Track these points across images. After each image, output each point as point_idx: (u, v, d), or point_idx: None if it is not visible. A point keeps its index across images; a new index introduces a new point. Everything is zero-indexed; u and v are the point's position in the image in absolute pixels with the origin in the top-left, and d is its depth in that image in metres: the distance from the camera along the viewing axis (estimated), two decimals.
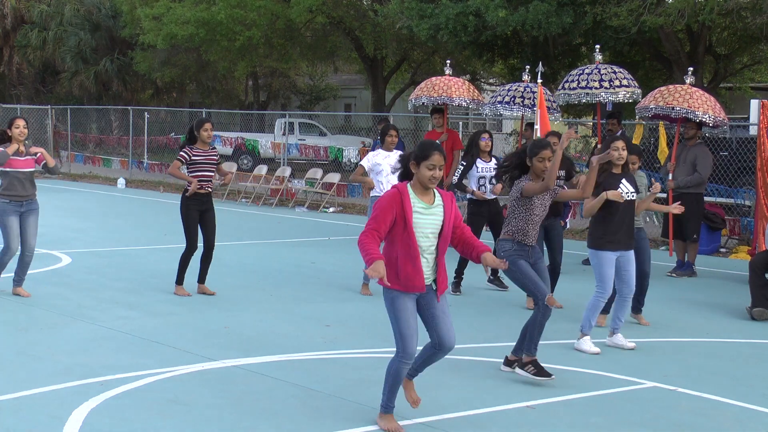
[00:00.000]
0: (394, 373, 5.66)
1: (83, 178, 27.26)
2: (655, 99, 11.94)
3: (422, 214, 5.50)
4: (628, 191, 7.82)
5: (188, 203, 9.79)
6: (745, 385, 7.05)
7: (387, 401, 5.74)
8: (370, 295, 10.17)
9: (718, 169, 15.83)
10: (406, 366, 5.63)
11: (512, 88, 13.81)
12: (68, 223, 16.06)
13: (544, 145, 7.16)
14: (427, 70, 29.62)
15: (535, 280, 7.00)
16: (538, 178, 7.10)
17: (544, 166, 7.05)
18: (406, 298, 5.57)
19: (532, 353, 6.96)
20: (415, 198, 5.52)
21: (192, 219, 9.80)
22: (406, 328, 5.55)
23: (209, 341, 7.90)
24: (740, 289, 11.13)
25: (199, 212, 9.81)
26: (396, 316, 5.58)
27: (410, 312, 5.58)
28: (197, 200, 9.77)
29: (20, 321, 8.51)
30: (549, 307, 6.95)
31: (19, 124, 9.45)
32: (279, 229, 16.61)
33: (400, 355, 5.60)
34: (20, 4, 41.53)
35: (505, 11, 19.07)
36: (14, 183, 9.41)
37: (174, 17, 27.91)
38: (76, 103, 37.54)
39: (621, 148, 7.81)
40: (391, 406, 5.75)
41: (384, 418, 5.75)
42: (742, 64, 25.13)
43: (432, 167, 5.46)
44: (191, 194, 9.70)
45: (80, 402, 6.06)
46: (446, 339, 5.67)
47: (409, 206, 5.46)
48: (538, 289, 6.97)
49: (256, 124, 35.20)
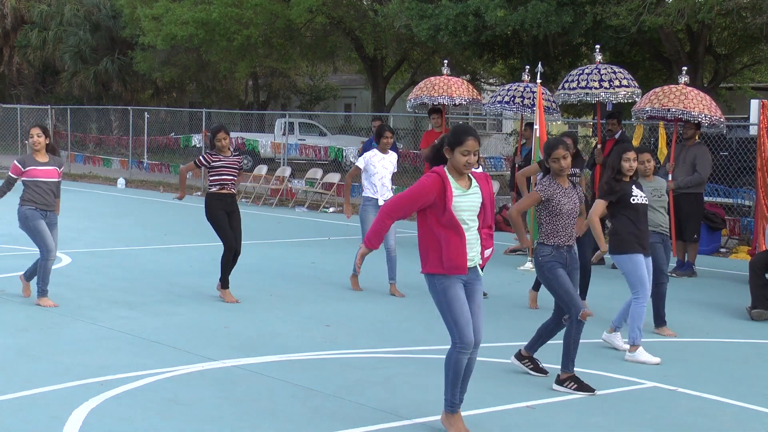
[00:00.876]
0: (454, 365, 5.54)
1: (83, 178, 27.25)
2: (650, 101, 11.94)
3: (461, 198, 5.51)
4: (641, 196, 7.83)
5: (212, 204, 9.77)
6: (745, 385, 7.05)
7: (451, 397, 5.60)
8: (361, 290, 10.17)
9: (718, 169, 15.83)
10: (465, 355, 5.52)
11: (512, 88, 13.81)
12: (68, 223, 16.04)
13: (555, 144, 6.88)
14: (427, 70, 29.60)
15: (572, 293, 6.74)
16: (558, 177, 6.91)
17: (559, 166, 6.82)
18: (458, 287, 5.51)
19: (570, 369, 6.76)
20: (454, 182, 5.53)
21: (220, 218, 9.75)
22: (460, 316, 5.48)
23: (209, 341, 7.90)
24: (740, 289, 11.13)
25: (225, 213, 9.80)
26: (450, 305, 5.49)
27: (463, 300, 5.52)
28: (221, 201, 9.77)
29: (20, 321, 8.51)
30: (582, 321, 6.69)
31: (33, 133, 9.27)
32: (279, 229, 16.60)
33: (458, 344, 5.50)
34: (20, 4, 41.55)
35: (504, 11, 19.08)
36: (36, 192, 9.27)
37: (173, 17, 27.91)
38: (76, 103, 37.54)
39: (632, 159, 7.78)
40: (455, 403, 5.61)
41: (449, 419, 5.62)
42: (742, 64, 25.13)
43: (467, 153, 5.47)
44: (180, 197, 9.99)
45: (80, 402, 6.06)
46: (477, 333, 5.61)
47: (450, 190, 5.48)
48: (574, 303, 6.68)
49: (256, 124, 35.20)
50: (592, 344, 8.08)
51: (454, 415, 5.62)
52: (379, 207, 10.07)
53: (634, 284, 7.76)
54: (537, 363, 7.13)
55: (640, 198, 7.82)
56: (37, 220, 9.25)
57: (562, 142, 6.90)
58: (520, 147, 14.66)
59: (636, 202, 7.77)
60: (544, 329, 7.08)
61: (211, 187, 9.79)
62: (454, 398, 5.60)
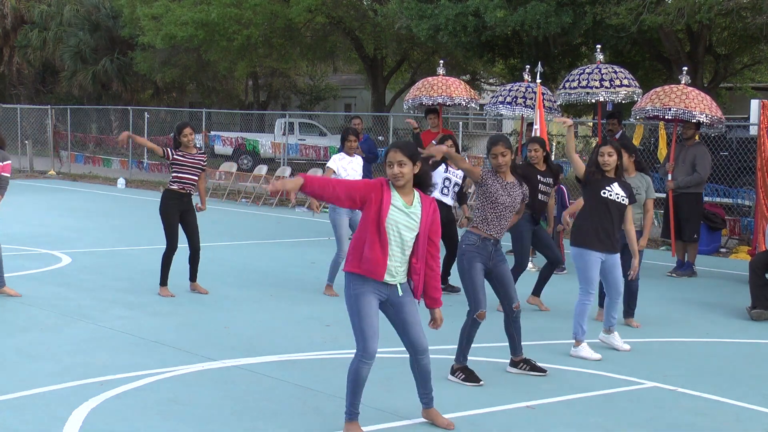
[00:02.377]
0: (354, 374, 5.48)
1: (83, 178, 27.26)
2: (651, 100, 11.94)
3: (399, 210, 5.41)
4: (618, 195, 7.74)
5: (168, 203, 9.83)
6: (745, 385, 7.05)
7: (350, 406, 5.52)
8: (336, 296, 10.15)
9: (718, 169, 15.83)
10: (366, 366, 5.46)
11: (513, 88, 13.81)
12: (68, 223, 16.06)
13: (497, 140, 6.97)
14: (427, 70, 29.59)
15: (477, 290, 6.81)
16: (499, 173, 6.98)
17: (497, 162, 6.91)
18: (371, 296, 5.46)
19: (462, 361, 6.89)
20: (395, 194, 5.45)
21: (172, 218, 9.82)
22: (368, 326, 5.42)
23: (209, 341, 7.90)
24: (740, 289, 11.13)
25: (179, 212, 9.82)
26: (359, 313, 5.44)
27: (374, 311, 5.47)
28: (177, 200, 9.81)
29: (20, 321, 8.51)
30: (477, 321, 6.81)
31: None
32: (279, 229, 16.60)
33: (360, 354, 5.45)
34: (20, 4, 41.56)
35: (504, 11, 19.08)
36: None
37: (173, 18, 27.91)
38: (76, 103, 37.55)
39: (606, 154, 7.73)
40: (354, 412, 5.53)
41: (349, 427, 5.54)
42: (742, 64, 25.14)
43: (390, 164, 5.40)
44: (121, 143, 9.98)
45: (80, 402, 6.06)
46: (417, 342, 5.61)
47: (388, 198, 5.39)
48: (476, 301, 6.80)
49: (256, 124, 35.20)
50: (590, 344, 8.09)
51: (352, 423, 5.55)
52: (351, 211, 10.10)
53: (581, 280, 7.74)
54: (532, 363, 7.14)
55: (614, 195, 7.69)
56: None
57: (503, 139, 6.99)
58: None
59: (605, 196, 7.66)
60: (506, 328, 7.14)
61: (171, 184, 9.80)
62: (352, 407, 5.53)
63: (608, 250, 7.72)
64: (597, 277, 7.74)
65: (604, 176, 7.75)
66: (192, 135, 9.79)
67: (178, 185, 9.80)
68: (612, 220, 7.69)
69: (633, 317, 9.12)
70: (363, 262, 5.43)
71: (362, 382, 5.51)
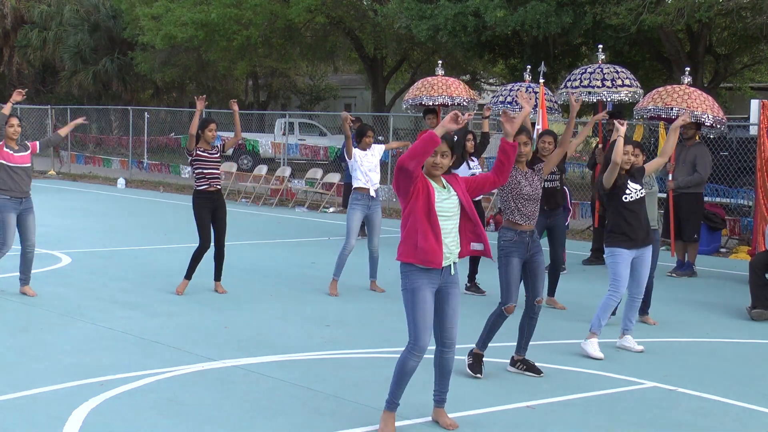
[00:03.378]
0: (401, 366, 5.57)
1: (83, 178, 27.26)
2: (653, 100, 11.94)
3: (441, 194, 5.58)
4: (636, 191, 7.84)
5: (198, 201, 9.86)
6: (745, 385, 7.05)
7: (391, 397, 5.64)
8: (337, 296, 10.15)
9: (718, 169, 15.83)
10: (415, 359, 5.53)
11: (514, 88, 13.82)
12: (68, 223, 16.06)
13: (518, 131, 7.12)
14: (427, 70, 29.60)
15: (510, 285, 6.99)
16: (517, 163, 7.21)
17: (519, 151, 7.15)
18: (427, 290, 5.53)
19: (480, 348, 7.10)
20: (432, 181, 5.61)
21: (203, 216, 9.84)
22: (421, 320, 5.50)
23: (209, 341, 7.90)
24: (740, 289, 11.13)
25: (210, 210, 9.84)
26: (414, 306, 5.51)
27: (429, 305, 5.54)
28: (207, 198, 9.83)
29: (20, 321, 8.51)
30: (504, 314, 6.99)
31: (13, 123, 9.43)
32: (279, 229, 16.60)
33: (411, 346, 5.53)
34: (20, 4, 41.56)
35: (504, 11, 19.08)
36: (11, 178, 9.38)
37: (173, 18, 27.91)
38: (76, 103, 37.54)
39: (632, 153, 7.86)
40: (394, 402, 5.65)
41: (386, 416, 5.66)
42: (742, 64, 25.15)
43: (434, 153, 5.52)
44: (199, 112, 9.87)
45: (80, 402, 6.06)
46: (449, 334, 5.68)
47: (431, 186, 5.55)
48: (507, 294, 6.98)
49: (256, 124, 35.19)
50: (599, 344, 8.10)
51: (389, 414, 5.66)
52: (371, 202, 10.11)
53: (611, 278, 7.86)
54: (530, 363, 7.17)
55: (633, 195, 7.81)
56: (8, 212, 9.41)
57: (525, 130, 7.26)
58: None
59: (627, 201, 7.80)
60: (521, 322, 7.23)
61: (199, 184, 9.88)
62: (393, 398, 5.64)
63: (639, 246, 7.85)
64: (627, 275, 7.84)
65: (622, 177, 7.83)
66: (216, 130, 9.83)
67: (206, 183, 9.83)
68: (638, 217, 7.84)
69: (648, 314, 9.19)
70: (418, 252, 5.50)
71: (408, 375, 5.61)
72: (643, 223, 7.88)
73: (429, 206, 5.49)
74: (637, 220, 7.83)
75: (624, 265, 7.79)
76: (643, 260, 7.92)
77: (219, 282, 10.16)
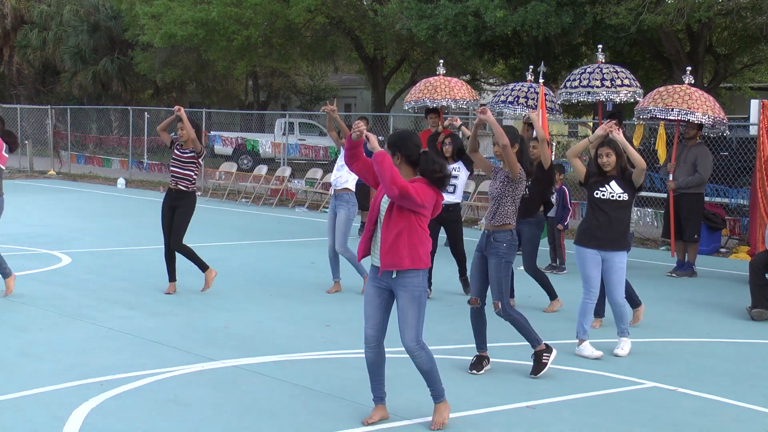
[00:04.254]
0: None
1: (83, 178, 27.25)
2: (654, 100, 11.93)
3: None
4: (614, 193, 7.74)
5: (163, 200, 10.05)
6: (745, 385, 7.05)
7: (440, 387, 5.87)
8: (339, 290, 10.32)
9: (718, 169, 15.83)
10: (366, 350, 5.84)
11: (515, 88, 13.81)
12: (68, 223, 16.06)
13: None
14: (427, 69, 29.60)
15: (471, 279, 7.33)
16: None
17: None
18: (370, 287, 5.87)
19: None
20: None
21: (162, 215, 9.97)
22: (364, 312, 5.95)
23: (209, 341, 7.90)
24: (740, 289, 11.13)
25: (170, 208, 9.93)
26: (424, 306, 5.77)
27: (368, 299, 5.87)
28: (167, 197, 9.97)
29: (20, 321, 8.51)
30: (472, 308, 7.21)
31: None
32: (279, 229, 16.60)
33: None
34: (20, 4, 41.56)
35: (504, 11, 19.08)
36: None
37: (173, 17, 27.91)
38: (76, 103, 37.55)
39: (605, 155, 7.72)
40: (374, 395, 5.93)
41: (442, 407, 5.86)
42: (742, 64, 25.15)
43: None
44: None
45: (80, 402, 6.07)
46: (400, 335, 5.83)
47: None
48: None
49: (256, 124, 35.19)
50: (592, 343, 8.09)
51: (443, 403, 5.88)
52: (336, 201, 10.25)
53: (582, 279, 7.82)
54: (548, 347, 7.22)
55: (608, 194, 7.69)
56: None
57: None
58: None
59: (598, 197, 7.71)
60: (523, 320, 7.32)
61: (194, 184, 9.95)
62: (372, 390, 5.94)
63: (604, 248, 7.72)
64: (596, 275, 7.74)
65: (605, 176, 7.76)
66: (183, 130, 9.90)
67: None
68: (609, 219, 7.70)
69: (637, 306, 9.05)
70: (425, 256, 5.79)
71: (368, 367, 5.93)
72: (614, 227, 7.71)
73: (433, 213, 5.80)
74: (606, 220, 7.70)
75: (591, 265, 7.72)
76: (610, 266, 7.75)
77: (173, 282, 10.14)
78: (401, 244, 5.58)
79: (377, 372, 5.85)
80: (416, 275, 5.64)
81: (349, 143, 5.70)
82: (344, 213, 10.19)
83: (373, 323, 5.78)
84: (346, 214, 10.19)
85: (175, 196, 9.85)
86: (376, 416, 5.85)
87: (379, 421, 5.82)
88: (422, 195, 5.53)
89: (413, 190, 5.49)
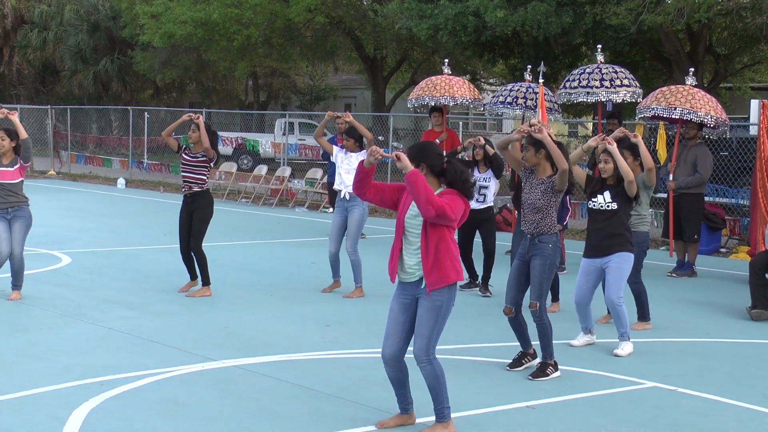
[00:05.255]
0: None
1: (83, 178, 27.25)
2: (656, 99, 11.93)
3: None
4: (604, 202, 7.79)
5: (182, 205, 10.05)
6: (745, 385, 7.05)
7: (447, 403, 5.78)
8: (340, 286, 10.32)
9: (718, 169, 15.83)
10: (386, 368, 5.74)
11: (514, 88, 13.80)
12: (68, 223, 16.06)
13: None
14: (427, 70, 29.62)
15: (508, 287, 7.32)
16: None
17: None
18: (394, 302, 5.79)
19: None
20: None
21: (180, 221, 9.94)
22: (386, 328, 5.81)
23: (209, 341, 7.90)
24: (740, 289, 11.13)
25: (188, 214, 9.91)
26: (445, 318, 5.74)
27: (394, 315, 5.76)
28: (183, 202, 9.96)
29: (20, 321, 8.51)
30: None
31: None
32: (279, 229, 16.60)
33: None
34: (20, 4, 41.56)
35: (504, 11, 19.08)
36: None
37: (172, 17, 27.92)
38: (76, 103, 37.54)
39: (604, 161, 7.80)
40: (401, 406, 5.85)
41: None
42: (742, 64, 25.15)
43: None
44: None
45: (80, 402, 6.07)
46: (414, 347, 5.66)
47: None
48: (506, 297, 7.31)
49: (256, 124, 35.20)
50: (592, 345, 8.09)
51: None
52: (347, 204, 10.04)
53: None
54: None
55: (598, 204, 7.79)
56: None
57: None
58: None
59: (591, 207, 7.88)
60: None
61: (206, 183, 9.92)
62: (398, 401, 5.88)
63: (595, 255, 7.86)
64: (581, 283, 7.90)
65: (602, 184, 7.82)
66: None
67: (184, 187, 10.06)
68: (601, 228, 7.82)
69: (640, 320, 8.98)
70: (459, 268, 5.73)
71: (389, 380, 5.89)
72: (606, 235, 7.77)
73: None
74: (599, 229, 7.80)
75: (580, 272, 7.94)
76: (607, 266, 7.82)
77: (193, 281, 10.10)
78: (442, 258, 5.49)
79: (400, 387, 5.77)
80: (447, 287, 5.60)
81: (361, 170, 5.45)
82: (358, 213, 10.03)
83: (393, 341, 5.64)
84: (360, 214, 10.05)
85: (191, 200, 9.85)
86: (392, 423, 5.81)
87: (396, 427, 5.81)
88: (455, 210, 5.43)
89: (449, 209, 5.38)
